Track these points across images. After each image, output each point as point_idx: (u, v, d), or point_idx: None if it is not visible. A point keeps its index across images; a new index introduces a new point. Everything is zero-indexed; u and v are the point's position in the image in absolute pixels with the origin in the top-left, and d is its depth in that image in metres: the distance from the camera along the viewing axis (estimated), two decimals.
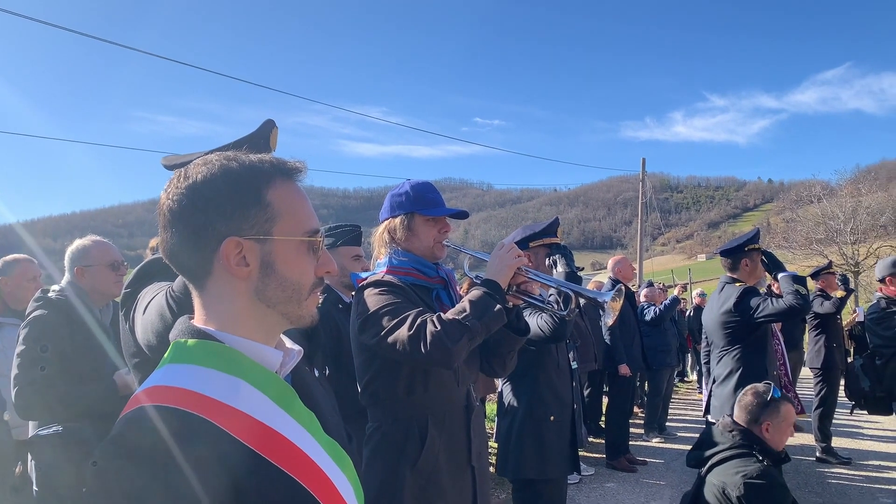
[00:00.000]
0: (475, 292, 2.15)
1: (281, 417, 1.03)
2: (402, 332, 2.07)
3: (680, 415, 10.08)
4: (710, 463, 3.12)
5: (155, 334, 1.78)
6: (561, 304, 2.80)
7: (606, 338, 7.02)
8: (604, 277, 8.45)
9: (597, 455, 7.15)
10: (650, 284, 9.65)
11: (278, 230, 1.07)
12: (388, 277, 2.30)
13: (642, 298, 8.71)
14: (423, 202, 2.39)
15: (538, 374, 3.47)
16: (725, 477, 2.96)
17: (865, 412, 5.35)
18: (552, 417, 3.41)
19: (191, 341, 1.04)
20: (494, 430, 4.03)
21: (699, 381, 11.04)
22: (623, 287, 2.56)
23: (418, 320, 2.07)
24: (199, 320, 1.08)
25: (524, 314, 3.34)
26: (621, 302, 2.40)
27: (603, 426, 7.77)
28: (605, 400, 7.93)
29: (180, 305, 1.66)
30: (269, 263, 1.06)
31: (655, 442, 7.96)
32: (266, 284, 1.07)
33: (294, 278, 1.08)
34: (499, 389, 3.89)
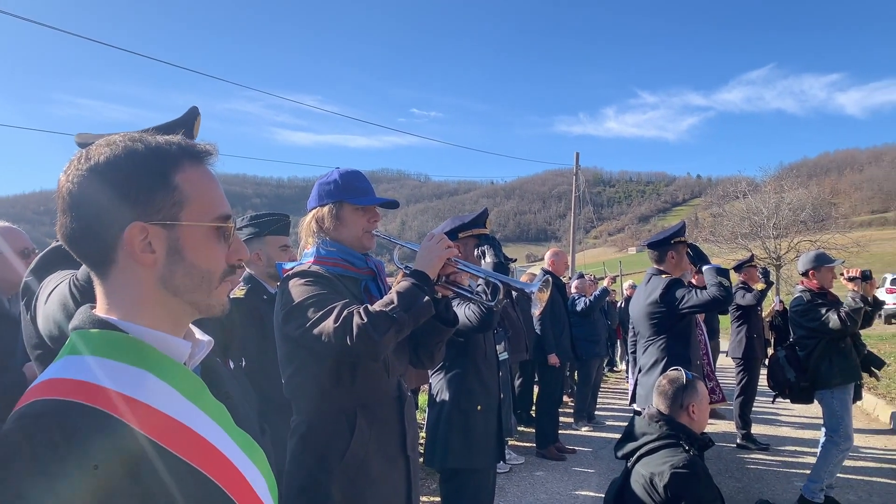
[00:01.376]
0: (403, 283, 2.13)
1: (189, 410, 0.99)
2: (328, 324, 2.03)
3: (609, 404, 10.31)
4: (638, 454, 3.17)
5: (57, 325, 1.71)
6: (489, 295, 2.81)
7: (537, 328, 7.11)
8: (538, 269, 8.56)
9: (527, 444, 7.25)
10: (581, 276, 9.82)
11: (186, 215, 1.03)
12: (315, 268, 2.25)
13: (573, 290, 8.86)
14: (352, 191, 2.35)
15: (466, 365, 3.48)
16: (653, 467, 3.01)
17: (787, 401, 5.54)
18: (479, 407, 3.42)
19: (92, 331, 0.99)
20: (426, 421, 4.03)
21: (628, 371, 11.32)
22: (550, 278, 2.57)
23: (344, 312, 2.03)
24: (101, 309, 1.03)
25: (455, 305, 3.35)
26: (548, 292, 2.41)
27: (534, 415, 7.88)
28: (536, 389, 8.05)
29: (84, 295, 1.59)
30: (176, 250, 1.02)
31: (584, 430, 8.12)
32: (173, 272, 1.02)
33: (203, 266, 1.04)
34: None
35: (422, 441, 4.03)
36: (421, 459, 3.68)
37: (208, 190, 1.06)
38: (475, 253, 3.44)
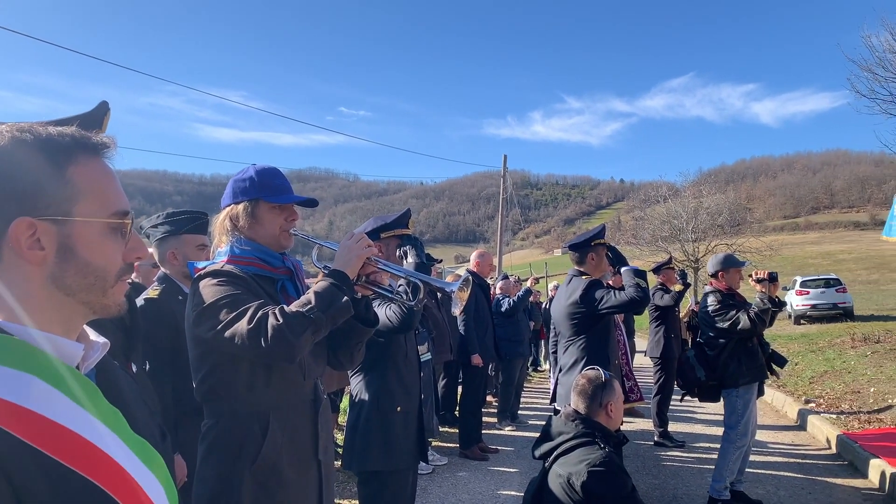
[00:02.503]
0: (321, 283, 2.09)
1: (79, 416, 0.94)
2: (241, 326, 1.97)
3: (533, 403, 10.47)
4: (554, 454, 3.22)
5: None
6: (410, 295, 2.80)
7: (461, 329, 7.15)
8: (464, 271, 8.61)
9: (451, 445, 7.28)
10: (506, 277, 9.96)
11: (80, 210, 0.98)
12: (229, 267, 2.19)
13: (498, 290, 8.96)
14: (268, 188, 2.29)
15: (387, 366, 3.46)
16: (570, 467, 3.06)
17: (696, 399, 5.73)
18: (399, 408, 3.40)
19: None
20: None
21: (551, 370, 11.53)
22: (471, 277, 2.59)
23: (259, 313, 1.98)
24: None
25: (377, 305, 3.33)
26: (469, 292, 2.42)
27: (458, 416, 7.92)
28: (460, 390, 8.09)
29: None
30: (68, 247, 0.97)
31: (508, 430, 8.21)
32: (64, 270, 0.97)
33: (98, 263, 1.00)
34: None
35: (342, 444, 4.00)
36: (339, 462, 3.65)
37: (104, 184, 1.02)
38: (397, 253, 3.43)
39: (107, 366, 1.11)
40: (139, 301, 3.06)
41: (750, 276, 5.48)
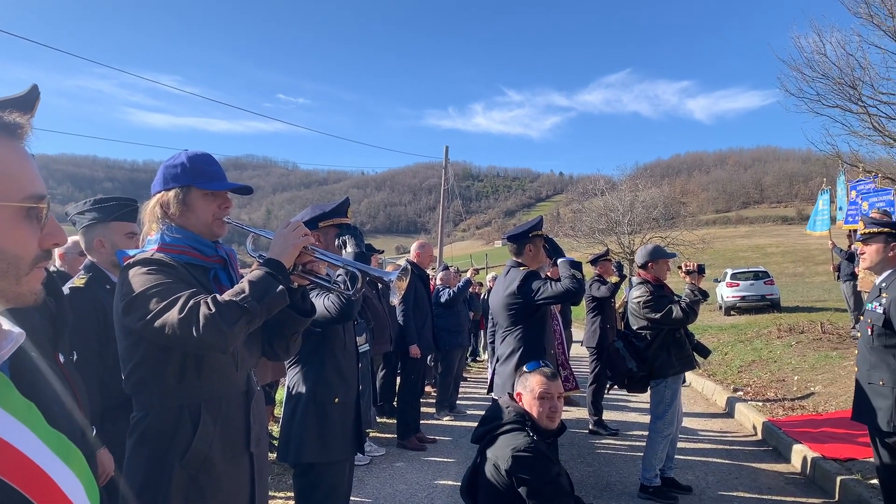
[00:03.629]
0: (256, 272, 2.06)
1: None
2: (172, 315, 1.92)
3: (471, 393, 10.55)
4: (487, 438, 3.27)
5: None
6: (349, 284, 2.77)
7: (400, 319, 7.14)
8: (404, 261, 8.59)
9: (389, 436, 7.28)
10: (446, 268, 9.98)
11: None
12: (159, 256, 2.13)
13: (438, 281, 8.98)
14: (201, 175, 2.24)
15: (324, 356, 3.42)
16: (498, 451, 3.12)
17: (624, 390, 5.82)
18: (336, 399, 3.38)
19: None
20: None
21: (490, 361, 11.64)
22: (410, 267, 2.58)
23: (190, 302, 1.94)
24: None
25: (311, 295, 3.29)
26: (407, 281, 2.42)
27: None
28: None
29: None
30: None
31: (446, 420, 8.26)
32: None
33: (10, 250, 0.95)
34: None
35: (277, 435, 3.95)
36: (275, 454, 3.60)
37: (18, 167, 0.97)
38: (336, 242, 3.40)
39: (22, 357, 1.06)
40: (65, 289, 2.94)
41: (679, 267, 5.63)
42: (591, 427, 7.72)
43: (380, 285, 6.52)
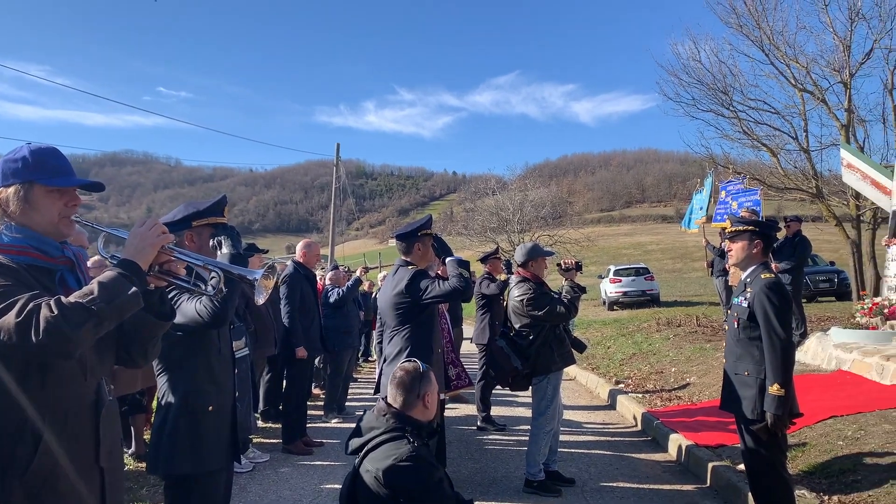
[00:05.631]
0: (108, 273, 1.92)
1: None
2: (9, 319, 1.76)
3: (361, 394, 10.40)
4: (365, 449, 3.18)
5: None
6: (223, 287, 2.62)
7: (285, 321, 6.94)
8: (290, 262, 8.36)
9: (275, 440, 7.05)
10: (336, 268, 9.83)
11: None
12: None
13: (327, 281, 8.82)
14: (45, 170, 2.06)
15: (197, 363, 3.22)
16: (378, 462, 3.04)
17: (507, 388, 5.84)
18: (210, 407, 3.19)
19: None
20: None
21: (378, 361, 11.55)
22: (276, 265, 2.46)
23: (30, 305, 1.79)
24: None
25: (183, 298, 3.09)
26: (273, 280, 2.31)
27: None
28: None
29: None
30: None
31: (334, 423, 8.09)
32: None
33: None
34: None
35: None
36: (129, 465, 3.38)
37: None
38: (210, 243, 3.22)
39: None
40: None
41: (558, 265, 5.75)
42: (479, 423, 7.79)
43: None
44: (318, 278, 8.66)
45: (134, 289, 1.89)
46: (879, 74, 17.12)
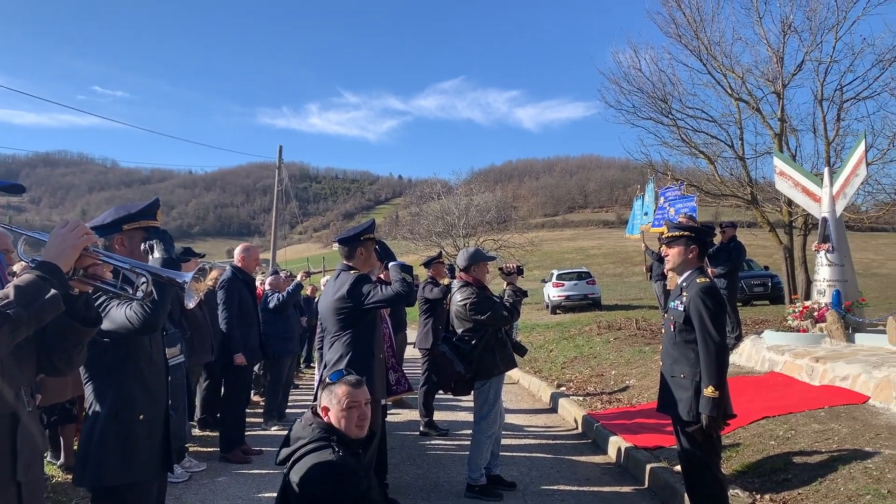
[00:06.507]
0: (26, 276, 1.82)
1: None
2: None
3: (302, 401, 10.24)
4: (292, 459, 3.12)
5: None
6: (155, 291, 2.53)
7: (223, 327, 6.77)
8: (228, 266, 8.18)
9: (212, 449, 6.88)
10: (276, 272, 9.66)
11: None
12: None
13: (267, 286, 8.66)
14: None
15: (127, 371, 3.09)
16: (303, 473, 2.99)
17: (450, 393, 5.80)
18: (141, 416, 3.07)
19: None
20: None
21: (318, 367, 11.40)
22: (207, 268, 2.38)
23: None
24: None
25: (112, 303, 2.97)
26: (205, 283, 2.24)
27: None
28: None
29: None
30: None
31: (274, 430, 7.94)
32: None
33: None
34: None
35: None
36: (58, 477, 3.23)
37: None
38: (142, 247, 3.10)
39: None
40: None
41: (500, 269, 5.78)
42: (421, 428, 7.75)
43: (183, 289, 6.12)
44: (257, 283, 8.48)
45: (53, 292, 1.81)
46: (810, 86, 17.83)
